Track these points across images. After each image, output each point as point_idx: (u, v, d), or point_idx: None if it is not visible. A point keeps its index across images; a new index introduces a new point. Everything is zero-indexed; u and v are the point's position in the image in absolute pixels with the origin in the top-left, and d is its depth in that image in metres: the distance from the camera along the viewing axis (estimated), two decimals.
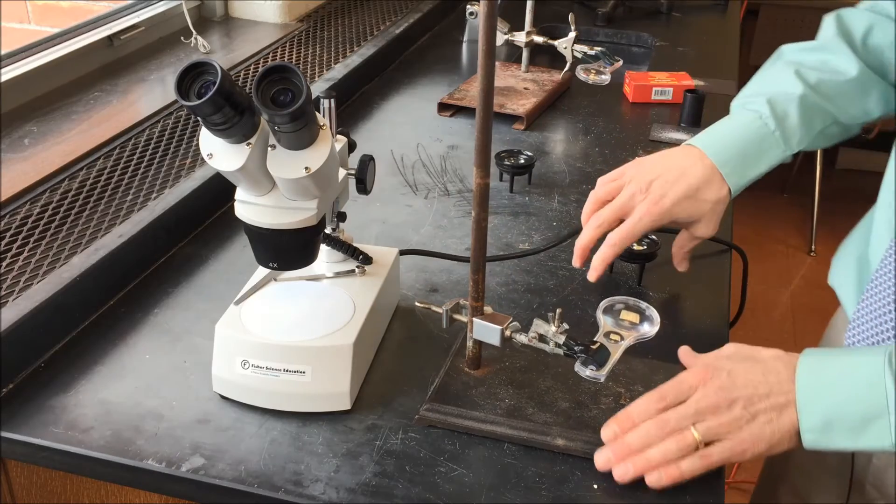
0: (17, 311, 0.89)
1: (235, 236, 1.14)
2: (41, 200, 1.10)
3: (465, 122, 1.51)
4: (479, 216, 0.81)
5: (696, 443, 0.76)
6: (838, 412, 0.75)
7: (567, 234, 1.15)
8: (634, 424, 0.79)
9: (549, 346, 0.84)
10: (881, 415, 0.73)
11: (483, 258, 0.83)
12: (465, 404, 0.85)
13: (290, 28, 1.76)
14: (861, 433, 0.74)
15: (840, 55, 1.01)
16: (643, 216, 0.96)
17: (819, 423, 0.75)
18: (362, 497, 0.76)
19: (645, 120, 1.54)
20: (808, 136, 1.00)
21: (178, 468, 0.78)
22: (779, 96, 0.99)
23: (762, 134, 0.98)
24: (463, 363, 0.90)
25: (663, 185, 0.97)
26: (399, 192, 1.27)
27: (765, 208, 3.33)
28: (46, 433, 0.82)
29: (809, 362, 0.78)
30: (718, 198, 0.97)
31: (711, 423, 0.77)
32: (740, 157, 0.98)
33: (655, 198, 0.96)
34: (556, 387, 0.88)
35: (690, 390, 0.79)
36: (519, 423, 0.83)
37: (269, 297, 0.91)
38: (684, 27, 2.06)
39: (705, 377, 0.79)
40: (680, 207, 0.96)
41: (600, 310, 0.92)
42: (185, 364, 0.91)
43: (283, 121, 0.72)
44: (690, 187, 0.96)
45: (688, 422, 0.77)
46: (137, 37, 1.57)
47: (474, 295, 0.84)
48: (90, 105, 1.36)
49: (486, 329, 0.85)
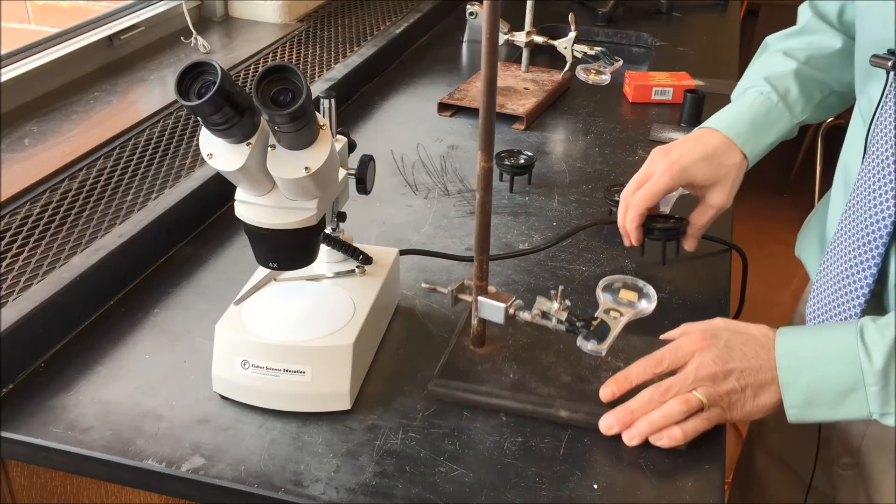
0: (17, 311, 0.89)
1: (235, 236, 1.14)
2: (41, 200, 1.10)
3: (465, 122, 1.51)
4: (483, 199, 0.84)
5: (702, 405, 0.81)
6: (818, 388, 0.80)
7: (567, 234, 1.15)
8: (632, 385, 0.84)
9: (551, 322, 0.87)
10: (857, 387, 0.78)
11: (487, 240, 0.86)
12: (472, 380, 0.88)
13: (290, 28, 1.76)
14: (840, 405, 0.80)
15: (822, 34, 1.08)
16: (662, 174, 1.01)
17: (801, 399, 0.81)
18: (362, 497, 0.76)
19: (645, 120, 1.54)
20: (811, 106, 1.06)
21: (178, 468, 0.78)
22: (775, 75, 1.06)
23: (767, 107, 1.04)
24: (468, 341, 0.93)
25: (680, 148, 1.03)
26: (399, 192, 1.27)
27: (765, 208, 3.32)
28: (46, 433, 0.82)
29: (787, 343, 0.83)
30: (735, 162, 1.02)
31: (710, 389, 0.81)
32: (751, 128, 1.04)
33: (674, 158, 1.02)
34: (559, 362, 0.91)
35: (687, 356, 0.83)
36: (523, 396, 0.86)
37: (269, 297, 0.91)
38: (684, 27, 2.06)
39: (702, 344, 0.83)
40: (697, 168, 1.01)
41: (600, 288, 0.96)
42: (185, 364, 0.91)
43: (283, 121, 0.72)
44: (707, 149, 1.02)
45: (688, 387, 0.81)
46: (137, 37, 1.57)
47: (478, 275, 0.87)
48: (90, 105, 1.36)
49: (490, 307, 0.88)
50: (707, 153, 1.02)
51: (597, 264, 1.10)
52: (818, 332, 0.84)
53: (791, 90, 1.05)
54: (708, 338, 0.84)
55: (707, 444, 0.82)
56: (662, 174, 1.01)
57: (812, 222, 1.13)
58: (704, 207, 1.05)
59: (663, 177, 1.01)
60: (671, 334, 0.89)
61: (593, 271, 1.09)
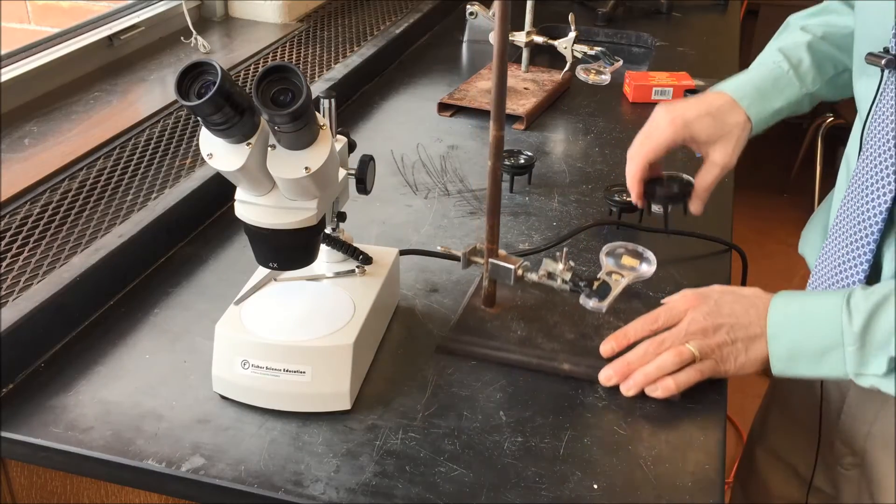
0: (17, 311, 0.89)
1: (235, 236, 1.14)
2: (41, 200, 1.10)
3: (465, 122, 1.51)
4: (494, 166, 0.90)
5: (693, 356, 0.86)
6: (801, 344, 0.84)
7: (567, 234, 1.15)
8: (630, 342, 0.90)
9: (556, 282, 0.95)
10: (836, 347, 0.82)
11: (498, 205, 0.92)
12: (482, 335, 0.95)
13: (290, 28, 1.76)
14: (820, 362, 0.83)
15: (842, 14, 1.09)
16: (664, 127, 1.03)
17: (785, 352, 0.85)
18: (362, 497, 0.76)
19: (645, 120, 1.53)
20: (822, 79, 1.07)
21: (178, 468, 0.78)
22: (789, 46, 1.08)
23: (777, 74, 1.06)
24: (480, 302, 1.00)
25: (685, 104, 1.05)
26: (399, 192, 1.27)
27: (765, 208, 3.32)
28: (46, 433, 0.82)
29: (779, 301, 0.87)
30: (738, 121, 1.03)
31: (701, 342, 0.86)
32: (757, 91, 1.04)
33: (678, 111, 1.03)
34: (563, 321, 0.98)
35: (681, 314, 0.89)
36: (530, 350, 0.93)
37: (269, 297, 0.91)
38: (684, 27, 2.06)
39: (694, 303, 0.89)
40: (700, 123, 1.02)
41: (603, 253, 1.04)
42: (185, 364, 0.91)
43: (283, 121, 0.72)
44: (711, 105, 1.03)
45: (680, 341, 0.87)
46: (137, 37, 1.57)
47: (490, 238, 0.94)
48: (90, 105, 1.36)
49: (500, 269, 0.95)
50: (711, 108, 1.03)
51: (597, 264, 1.10)
52: (810, 294, 0.89)
53: (804, 60, 1.06)
54: (700, 297, 0.90)
55: (707, 445, 0.83)
56: (665, 127, 1.02)
57: (815, 219, 1.14)
58: (709, 166, 1.05)
59: (666, 130, 1.02)
60: (670, 298, 0.93)
61: (593, 271, 1.08)
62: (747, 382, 2.13)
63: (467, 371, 0.91)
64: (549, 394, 0.88)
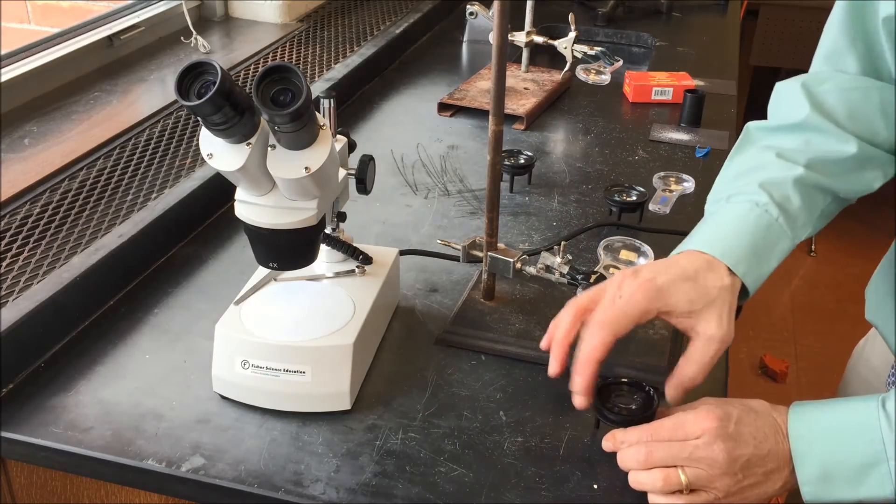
0: (17, 311, 0.89)
1: (235, 236, 1.14)
2: (41, 200, 1.10)
3: (465, 121, 1.51)
4: (493, 160, 0.91)
5: (681, 487, 0.74)
6: (835, 461, 0.72)
7: (567, 235, 1.15)
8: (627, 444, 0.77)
9: (554, 275, 0.96)
10: (880, 462, 0.71)
11: (497, 198, 0.93)
12: (480, 328, 0.96)
13: (290, 28, 1.76)
14: (861, 482, 0.72)
15: (826, 134, 0.87)
16: (634, 292, 0.78)
17: (816, 473, 0.73)
18: (362, 497, 0.76)
19: (645, 120, 1.54)
20: (811, 220, 0.86)
21: (178, 468, 0.78)
22: (771, 181, 0.85)
23: (766, 223, 0.83)
24: (479, 295, 1.01)
25: (649, 267, 0.81)
26: (399, 192, 1.27)
27: None
28: (46, 433, 0.82)
29: (801, 412, 0.75)
30: (723, 285, 0.79)
31: (700, 473, 0.73)
32: (753, 254, 0.82)
33: (645, 276, 0.79)
34: None
35: (688, 437, 0.74)
36: (527, 342, 0.93)
37: (269, 297, 0.91)
38: (684, 27, 2.06)
39: (712, 426, 0.74)
40: (677, 288, 0.78)
41: (601, 247, 1.04)
42: (185, 364, 0.91)
43: (283, 121, 0.72)
44: (687, 270, 0.80)
45: (677, 462, 0.74)
46: (137, 37, 1.57)
47: (489, 232, 0.95)
48: (90, 105, 1.36)
49: (499, 262, 0.96)
50: (687, 273, 0.79)
51: (596, 264, 1.10)
52: (836, 403, 0.76)
53: (792, 200, 0.84)
54: (721, 419, 0.74)
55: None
56: (634, 293, 0.78)
57: (881, 276, 0.98)
58: (703, 343, 0.79)
59: (636, 295, 0.77)
60: (687, 408, 0.78)
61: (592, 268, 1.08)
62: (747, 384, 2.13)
63: (467, 371, 0.91)
64: (549, 394, 0.88)
